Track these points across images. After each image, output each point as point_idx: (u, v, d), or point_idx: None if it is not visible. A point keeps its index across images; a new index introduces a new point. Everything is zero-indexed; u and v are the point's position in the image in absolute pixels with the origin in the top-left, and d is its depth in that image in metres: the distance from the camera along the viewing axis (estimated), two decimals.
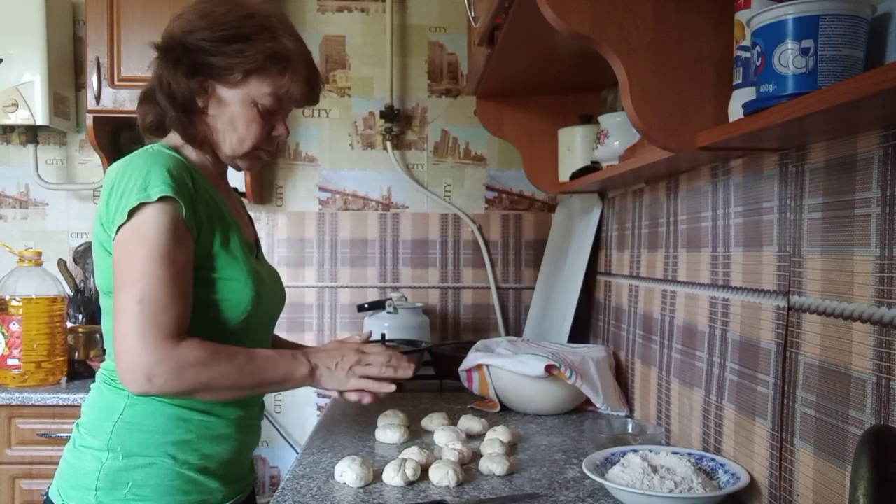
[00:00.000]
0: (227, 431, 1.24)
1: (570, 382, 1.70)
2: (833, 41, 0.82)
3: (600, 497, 1.21)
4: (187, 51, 1.22)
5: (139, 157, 1.17)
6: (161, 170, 1.13)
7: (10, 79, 2.34)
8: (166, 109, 1.24)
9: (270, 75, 1.23)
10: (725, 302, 1.31)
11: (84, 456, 1.20)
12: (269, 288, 1.31)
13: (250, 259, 1.27)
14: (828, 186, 1.00)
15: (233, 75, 1.22)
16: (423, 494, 1.21)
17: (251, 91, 1.23)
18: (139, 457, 1.17)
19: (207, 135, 1.26)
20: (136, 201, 1.11)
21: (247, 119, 1.25)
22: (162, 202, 1.11)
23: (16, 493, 2.11)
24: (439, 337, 2.64)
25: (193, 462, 1.20)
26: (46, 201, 2.64)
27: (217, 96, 1.24)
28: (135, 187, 1.12)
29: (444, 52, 2.65)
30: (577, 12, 1.10)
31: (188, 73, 1.22)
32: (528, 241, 2.68)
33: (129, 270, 1.11)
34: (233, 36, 1.21)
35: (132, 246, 1.11)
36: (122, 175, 1.14)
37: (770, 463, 1.14)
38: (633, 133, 1.61)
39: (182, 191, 1.14)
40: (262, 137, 1.27)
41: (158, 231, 1.11)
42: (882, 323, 0.88)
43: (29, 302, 2.13)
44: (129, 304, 1.09)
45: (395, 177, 2.65)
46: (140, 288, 1.09)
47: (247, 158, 1.29)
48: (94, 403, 1.24)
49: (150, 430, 1.18)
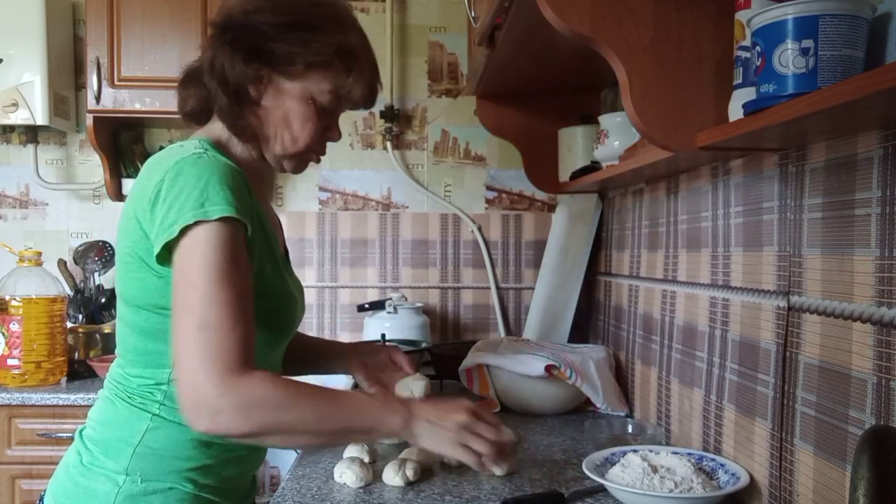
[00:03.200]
0: (244, 453, 1.17)
1: (570, 382, 1.70)
2: (833, 41, 0.82)
3: (600, 497, 1.21)
4: (247, 33, 1.10)
5: (192, 164, 1.03)
6: (221, 185, 1.01)
7: (10, 79, 2.34)
8: (216, 96, 1.13)
9: (335, 71, 1.13)
10: (725, 302, 1.31)
11: (96, 477, 1.09)
12: (299, 308, 1.22)
13: (286, 277, 1.18)
14: (828, 186, 1.00)
15: (294, 66, 1.11)
16: (423, 494, 1.21)
17: (310, 86, 1.13)
18: (157, 482, 1.09)
19: (257, 128, 1.15)
20: (192, 219, 0.98)
21: (302, 116, 1.14)
22: (222, 222, 0.99)
23: (16, 493, 2.11)
24: (439, 337, 2.64)
25: (212, 485, 1.13)
26: (46, 201, 2.64)
27: (273, 87, 1.13)
28: (189, 201, 0.99)
29: (444, 52, 2.65)
30: (577, 12, 1.10)
31: (246, 58, 1.10)
32: (528, 241, 2.68)
33: (188, 292, 0.98)
34: (299, 23, 1.10)
35: (188, 266, 0.99)
36: (174, 183, 1.01)
37: (770, 463, 1.14)
38: (633, 133, 1.61)
39: (245, 209, 1.02)
40: (316, 138, 1.17)
41: (217, 249, 0.98)
42: (882, 323, 0.88)
43: (29, 302, 2.13)
44: (189, 330, 0.96)
45: (395, 177, 2.65)
46: (200, 311, 0.97)
47: (295, 159, 1.18)
48: (109, 421, 1.12)
49: (172, 456, 1.09)
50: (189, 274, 0.99)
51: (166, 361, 1.09)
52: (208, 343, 0.96)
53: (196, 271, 0.98)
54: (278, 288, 1.15)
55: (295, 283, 1.26)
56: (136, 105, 2.35)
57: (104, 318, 2.51)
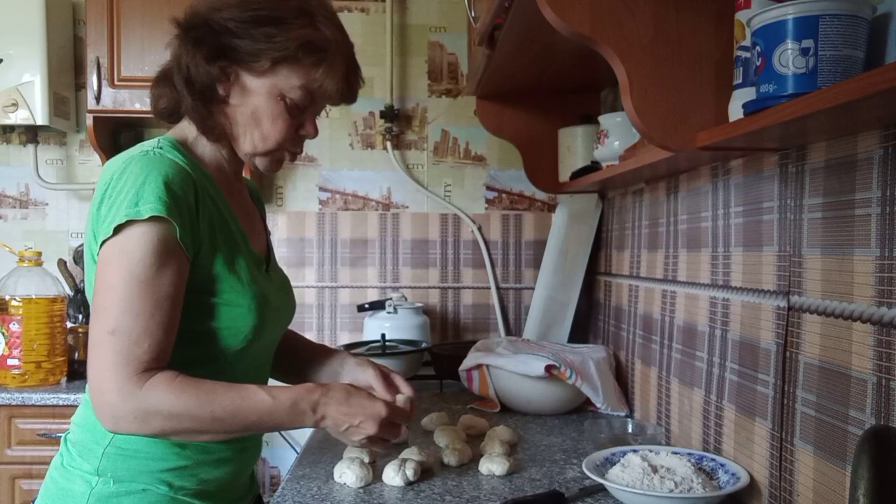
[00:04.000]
0: (227, 455, 1.14)
1: (570, 382, 1.70)
2: (833, 41, 0.82)
3: (600, 497, 1.21)
4: (211, 30, 1.08)
5: (137, 161, 1.03)
6: (157, 182, 1.00)
7: (10, 79, 2.34)
8: (183, 95, 1.11)
9: (302, 66, 1.09)
10: (725, 302, 1.31)
11: (73, 477, 1.09)
12: (275, 309, 1.17)
13: (257, 278, 1.14)
14: (828, 186, 1.00)
15: (259, 62, 1.08)
16: (423, 494, 1.21)
17: (279, 82, 1.10)
18: (131, 483, 1.07)
19: (226, 127, 1.13)
20: (125, 217, 0.98)
21: (272, 114, 1.11)
22: (153, 221, 0.99)
23: (16, 493, 2.11)
24: (439, 337, 2.64)
25: (190, 487, 1.11)
26: (46, 201, 2.64)
27: (240, 85, 1.10)
28: (125, 200, 0.99)
29: (444, 52, 2.65)
30: (577, 12, 1.10)
31: (209, 57, 1.08)
32: (528, 241, 2.68)
33: (105, 296, 0.99)
34: (265, 18, 1.07)
35: (112, 268, 0.99)
36: (117, 182, 1.02)
37: (770, 463, 1.14)
38: (633, 133, 1.61)
39: (179, 209, 1.01)
40: (288, 136, 1.13)
41: (144, 253, 0.98)
42: (882, 323, 0.88)
43: (29, 302, 2.13)
44: (101, 334, 0.98)
45: (395, 177, 2.65)
46: (114, 317, 0.98)
47: (267, 158, 1.15)
48: (84, 423, 1.11)
49: (143, 456, 1.07)
50: (110, 276, 0.99)
51: None
52: (117, 349, 0.97)
53: (116, 274, 0.99)
54: (240, 287, 1.10)
55: (274, 282, 1.22)
56: (136, 105, 2.35)
57: None
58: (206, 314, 1.07)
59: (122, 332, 0.98)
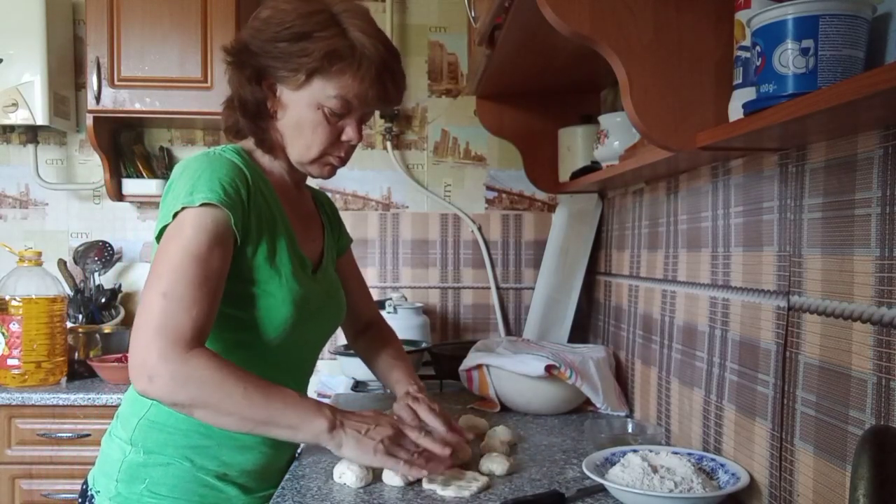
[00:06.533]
0: (252, 442, 1.22)
1: (570, 382, 1.70)
2: (833, 41, 0.82)
3: (600, 497, 1.21)
4: (252, 54, 1.17)
5: (197, 160, 1.14)
6: (212, 177, 1.10)
7: (10, 79, 2.34)
8: (238, 116, 1.22)
9: (332, 75, 1.16)
10: (725, 302, 1.31)
11: (114, 445, 1.22)
12: (315, 310, 1.25)
13: (299, 276, 1.21)
14: (828, 186, 1.00)
15: (296, 77, 1.16)
16: (423, 494, 1.21)
17: (315, 93, 1.17)
18: (158, 455, 1.18)
19: (278, 140, 1.23)
20: (181, 205, 1.08)
21: (312, 123, 1.19)
22: (204, 207, 1.08)
23: (16, 493, 2.11)
24: (439, 337, 2.64)
25: (211, 468, 1.20)
26: (46, 201, 2.64)
27: (284, 100, 1.19)
28: (183, 191, 1.09)
29: (444, 52, 2.65)
30: (577, 12, 1.10)
31: (253, 78, 1.18)
32: (528, 241, 2.68)
33: (160, 264, 1.07)
34: (297, 34, 1.15)
35: (168, 244, 1.08)
36: (179, 177, 1.12)
37: (770, 463, 1.14)
38: (633, 133, 1.61)
39: (229, 199, 1.10)
40: (330, 143, 1.21)
41: (196, 231, 1.07)
42: (882, 323, 0.88)
43: (29, 302, 2.13)
44: (153, 296, 1.04)
45: (395, 177, 2.65)
46: (167, 282, 1.04)
47: (316, 165, 1.24)
48: (128, 395, 1.25)
49: (171, 430, 1.18)
50: (166, 248, 1.07)
51: None
52: (166, 312, 1.03)
53: (173, 246, 1.07)
54: (278, 280, 1.17)
55: (320, 285, 1.29)
56: (136, 105, 2.35)
57: (104, 318, 2.51)
58: (245, 301, 1.16)
59: (173, 297, 1.04)
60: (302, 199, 1.36)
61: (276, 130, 1.22)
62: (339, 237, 1.52)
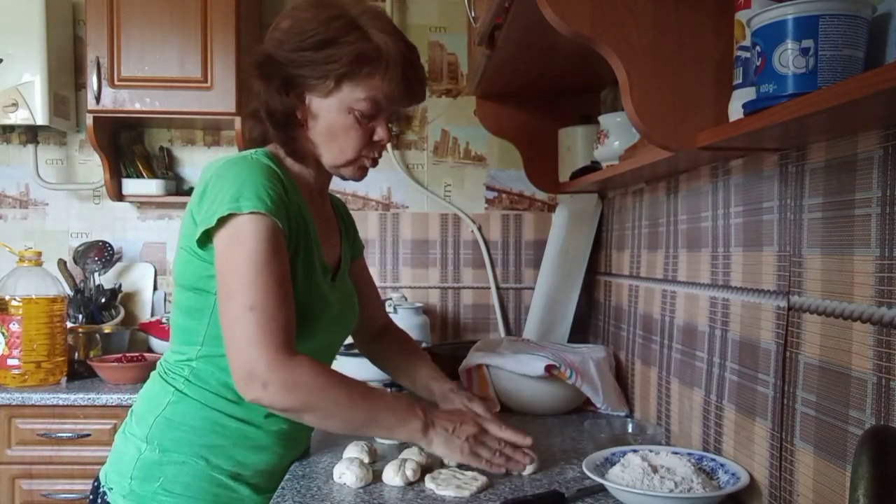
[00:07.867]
0: (267, 442, 1.24)
1: (570, 382, 1.70)
2: (833, 41, 0.82)
3: (600, 497, 1.21)
4: (278, 64, 1.18)
5: (237, 163, 1.15)
6: (256, 183, 1.11)
7: (10, 79, 2.34)
8: (267, 126, 1.22)
9: (361, 78, 1.18)
10: (725, 302, 1.31)
11: (129, 443, 1.22)
12: (336, 315, 1.28)
13: (321, 283, 1.24)
14: (828, 186, 1.00)
15: (325, 83, 1.18)
16: (423, 494, 1.21)
17: (345, 98, 1.19)
18: (173, 453, 1.19)
19: (309, 148, 1.24)
20: (227, 211, 1.08)
21: (344, 127, 1.21)
22: (253, 215, 1.09)
23: (16, 493, 2.11)
24: (439, 337, 2.64)
25: (226, 468, 1.21)
26: (46, 201, 2.64)
27: (314, 107, 1.21)
28: (227, 195, 1.09)
29: (444, 52, 2.65)
30: (578, 12, 1.10)
31: (281, 89, 1.19)
32: (528, 241, 2.68)
33: (234, 278, 1.09)
34: (321, 42, 1.16)
35: (230, 256, 1.10)
36: (218, 179, 1.13)
37: (770, 463, 1.14)
38: (633, 133, 1.61)
39: (276, 208, 1.11)
40: (363, 144, 1.23)
41: (255, 240, 1.09)
42: (882, 323, 0.88)
43: (29, 302, 2.13)
44: (240, 311, 1.07)
45: (395, 177, 2.65)
46: (248, 295, 1.07)
47: (350, 167, 1.26)
48: (145, 393, 1.27)
49: (186, 429, 1.19)
50: (232, 262, 1.09)
51: (198, 339, 1.20)
52: (257, 323, 1.06)
53: (238, 259, 1.09)
54: (307, 287, 1.20)
55: (339, 291, 1.31)
56: (136, 105, 2.35)
57: (104, 318, 2.51)
58: None
59: (260, 308, 1.07)
60: (324, 204, 1.37)
61: (307, 138, 1.23)
62: (354, 242, 1.52)
